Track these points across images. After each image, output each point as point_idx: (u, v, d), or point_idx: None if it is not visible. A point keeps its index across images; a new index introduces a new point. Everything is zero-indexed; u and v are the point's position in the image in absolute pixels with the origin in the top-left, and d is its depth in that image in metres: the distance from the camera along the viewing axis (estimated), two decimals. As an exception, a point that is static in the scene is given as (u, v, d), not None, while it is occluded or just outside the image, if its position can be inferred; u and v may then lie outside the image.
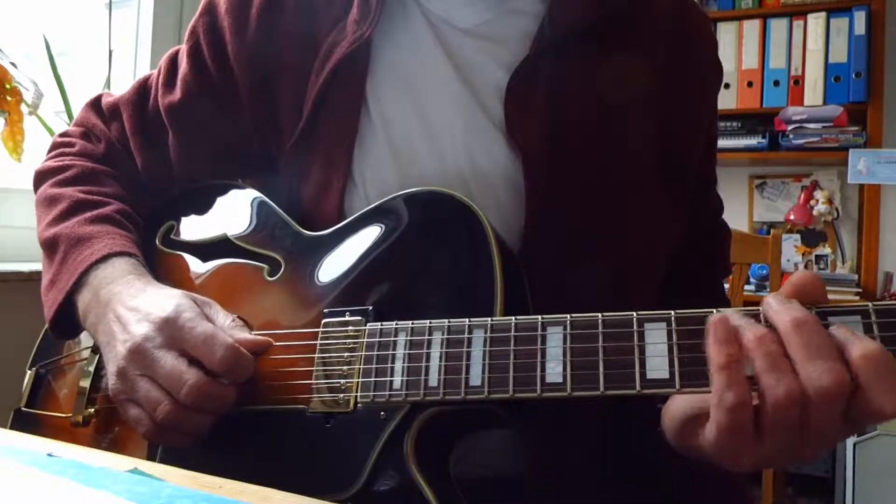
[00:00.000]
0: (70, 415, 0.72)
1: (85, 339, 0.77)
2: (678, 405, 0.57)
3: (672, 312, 0.51)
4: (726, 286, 1.10)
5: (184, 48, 0.81)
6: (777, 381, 0.45)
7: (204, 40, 0.78)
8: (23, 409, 0.79)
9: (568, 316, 0.53)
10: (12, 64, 1.41)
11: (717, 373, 0.47)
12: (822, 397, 0.44)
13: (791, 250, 2.55)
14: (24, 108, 1.40)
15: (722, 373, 0.47)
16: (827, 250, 2.53)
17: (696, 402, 0.52)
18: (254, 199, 0.77)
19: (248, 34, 0.76)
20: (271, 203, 0.75)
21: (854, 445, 2.01)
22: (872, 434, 2.00)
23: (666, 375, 0.49)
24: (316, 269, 0.67)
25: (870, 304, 0.47)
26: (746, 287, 2.09)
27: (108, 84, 1.69)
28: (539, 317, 0.54)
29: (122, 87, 1.70)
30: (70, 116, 1.58)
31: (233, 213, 0.78)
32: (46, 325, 0.76)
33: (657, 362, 0.50)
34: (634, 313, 0.51)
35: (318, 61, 0.73)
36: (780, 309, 0.47)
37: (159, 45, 1.90)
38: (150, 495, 0.41)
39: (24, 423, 0.78)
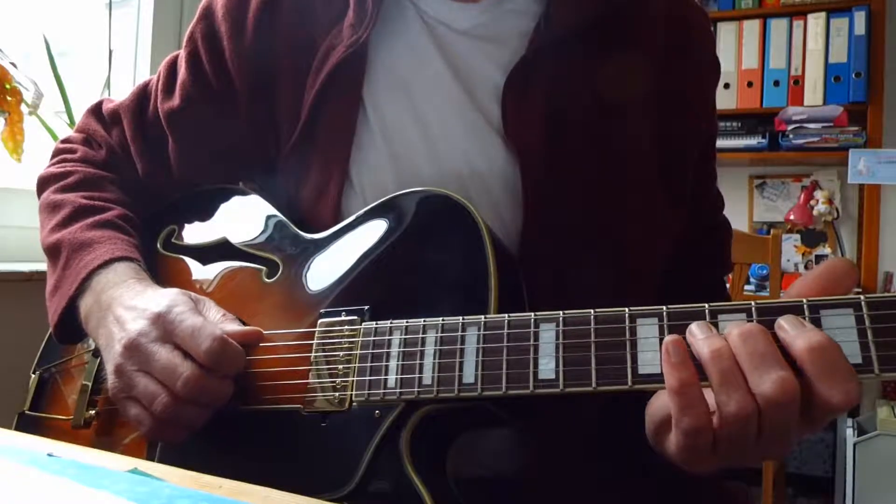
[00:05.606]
0: (71, 417, 0.73)
1: (90, 343, 0.77)
2: (655, 406, 0.57)
3: (664, 308, 0.51)
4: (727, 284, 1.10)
5: (182, 54, 0.81)
6: (728, 397, 0.46)
7: (201, 46, 0.79)
8: (26, 412, 0.79)
9: (560, 313, 0.53)
10: (12, 64, 1.41)
11: (672, 397, 0.48)
12: (772, 406, 0.45)
13: (791, 250, 2.55)
14: (24, 108, 1.40)
15: (676, 397, 0.47)
16: (827, 250, 2.53)
17: (667, 406, 0.53)
18: (253, 203, 0.77)
19: (245, 38, 0.76)
20: (270, 206, 0.76)
21: (854, 445, 2.01)
22: (872, 434, 2.00)
23: (658, 370, 0.49)
24: (313, 270, 0.68)
25: (861, 297, 0.46)
26: (746, 287, 2.09)
27: (108, 84, 1.69)
28: (532, 314, 0.54)
29: (122, 87, 1.71)
30: (70, 116, 1.58)
31: (232, 216, 0.78)
32: (50, 330, 0.76)
33: (649, 357, 0.50)
34: (626, 309, 0.52)
35: (315, 65, 0.73)
36: (733, 326, 0.48)
37: (159, 45, 1.90)
38: (150, 495, 0.42)
39: (28, 425, 0.78)
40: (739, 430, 0.46)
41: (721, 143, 2.30)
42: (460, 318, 0.56)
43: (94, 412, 0.72)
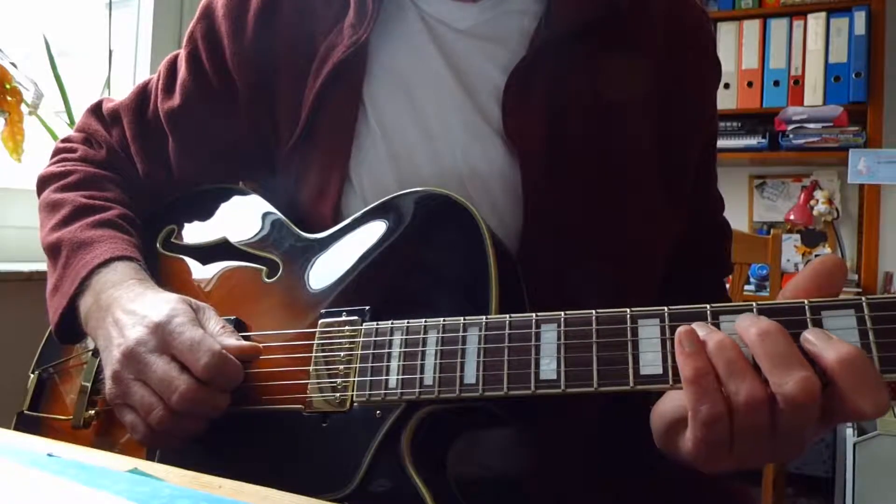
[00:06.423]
0: (70, 417, 0.72)
1: (90, 343, 0.77)
2: (664, 408, 0.57)
3: (665, 308, 0.51)
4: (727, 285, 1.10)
5: (182, 53, 0.81)
6: (737, 387, 0.46)
7: (202, 45, 0.79)
8: (25, 412, 0.79)
9: (562, 313, 0.53)
10: (12, 64, 1.41)
11: (687, 387, 0.47)
12: (792, 405, 0.45)
13: (791, 250, 2.55)
14: (24, 108, 1.40)
15: (691, 386, 0.47)
16: (827, 250, 2.53)
17: (680, 407, 0.52)
18: (253, 202, 0.77)
19: (246, 38, 0.76)
20: (270, 206, 0.76)
21: (854, 445, 2.01)
22: (872, 434, 2.00)
23: (659, 371, 0.49)
24: (313, 270, 0.68)
25: (863, 298, 0.47)
26: (746, 287, 2.09)
27: (108, 84, 1.69)
28: (533, 314, 0.54)
29: (122, 87, 1.71)
30: (70, 116, 1.58)
31: (232, 216, 0.78)
32: (50, 329, 0.76)
33: (650, 358, 0.50)
34: (628, 310, 0.52)
35: (316, 64, 0.73)
36: (747, 324, 0.48)
37: (159, 45, 1.90)
38: (150, 495, 0.42)
39: (27, 425, 0.78)
40: (752, 421, 0.46)
41: (721, 143, 2.31)
42: (461, 318, 0.56)
43: (93, 412, 0.72)
